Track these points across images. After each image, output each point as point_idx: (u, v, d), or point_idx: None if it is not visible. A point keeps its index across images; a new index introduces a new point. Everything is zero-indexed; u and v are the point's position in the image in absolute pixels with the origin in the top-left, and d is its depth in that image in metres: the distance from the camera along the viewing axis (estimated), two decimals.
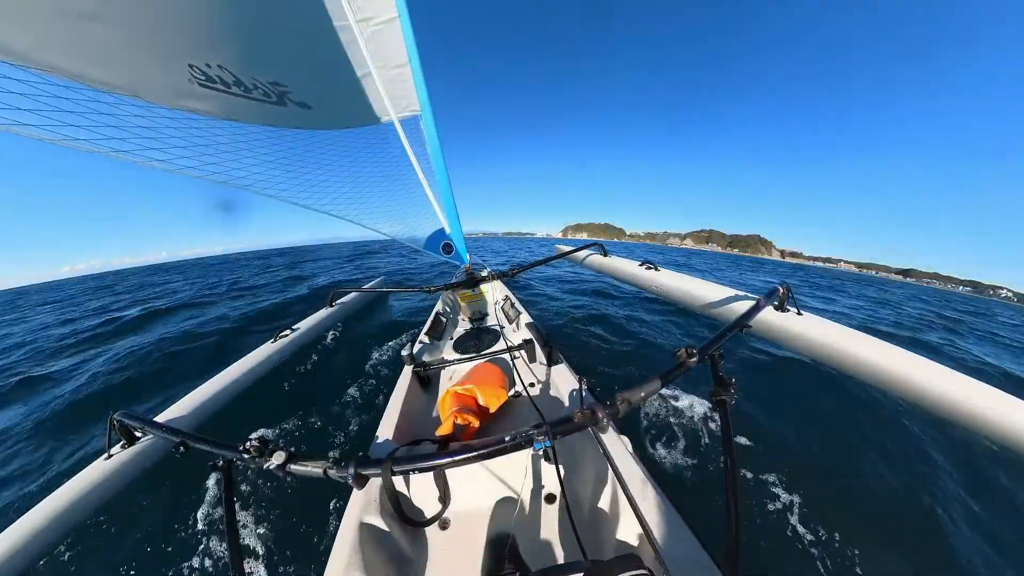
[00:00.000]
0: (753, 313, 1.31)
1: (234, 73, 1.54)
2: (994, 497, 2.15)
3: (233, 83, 1.58)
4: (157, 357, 3.87)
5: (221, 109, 1.69)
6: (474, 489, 1.26)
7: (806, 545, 1.65)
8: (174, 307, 6.77)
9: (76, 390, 3.34)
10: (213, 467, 0.99)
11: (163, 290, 10.76)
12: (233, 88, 1.60)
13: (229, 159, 1.79)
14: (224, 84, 1.56)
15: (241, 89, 1.63)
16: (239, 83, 1.59)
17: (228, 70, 1.52)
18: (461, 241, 3.14)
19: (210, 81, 1.52)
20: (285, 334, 2.51)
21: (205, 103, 1.62)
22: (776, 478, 1.98)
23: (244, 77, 1.59)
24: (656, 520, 0.90)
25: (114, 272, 58.70)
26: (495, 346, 2.15)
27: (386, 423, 1.48)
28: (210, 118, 1.70)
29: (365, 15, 1.63)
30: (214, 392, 1.77)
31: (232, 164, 1.80)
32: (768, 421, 2.55)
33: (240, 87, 1.61)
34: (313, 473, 0.93)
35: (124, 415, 1.29)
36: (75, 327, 6.43)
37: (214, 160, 1.72)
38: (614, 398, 0.92)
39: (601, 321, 4.61)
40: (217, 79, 1.52)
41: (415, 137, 2.54)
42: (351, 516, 1.04)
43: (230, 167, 1.80)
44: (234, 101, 1.66)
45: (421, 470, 0.91)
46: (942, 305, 15.90)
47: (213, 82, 1.53)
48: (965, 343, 6.47)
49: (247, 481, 1.94)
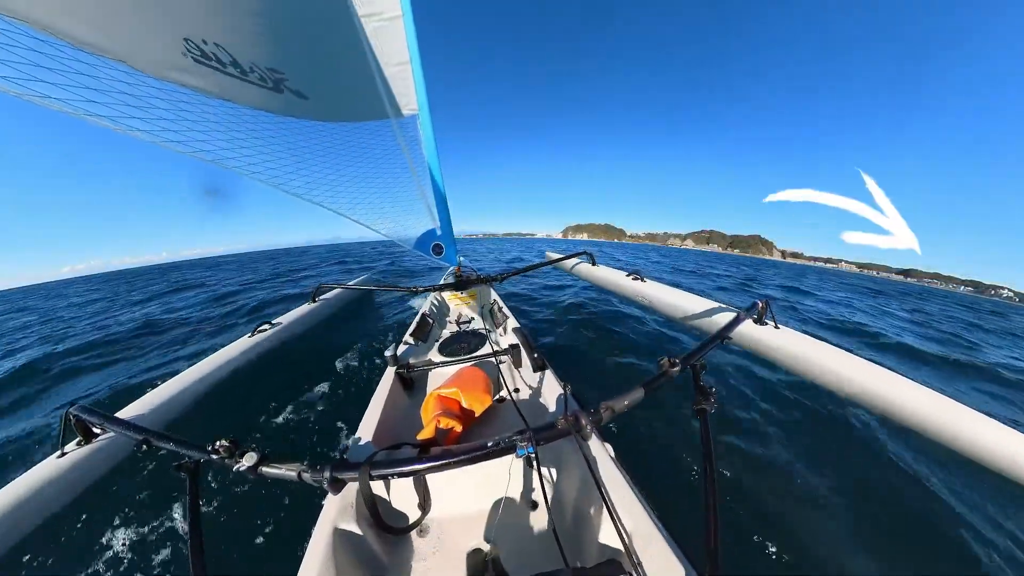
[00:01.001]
0: (733, 326, 1.37)
1: (231, 54, 1.50)
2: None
3: (229, 63, 1.54)
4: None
5: (214, 87, 1.64)
6: (455, 495, 1.24)
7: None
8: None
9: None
10: (178, 468, 0.94)
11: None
12: (229, 68, 1.56)
13: (218, 138, 1.72)
14: (220, 63, 1.52)
15: (237, 71, 1.59)
16: (236, 64, 1.56)
17: (225, 50, 1.48)
18: (452, 242, 3.13)
19: (205, 58, 1.47)
20: (263, 329, 2.42)
21: (197, 79, 1.56)
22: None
23: (242, 59, 1.55)
24: (637, 526, 0.91)
25: (129, 270, 55.53)
26: (481, 350, 2.14)
27: (366, 425, 1.44)
28: (202, 94, 1.63)
29: (370, 10, 1.62)
30: (183, 387, 1.67)
31: (221, 143, 1.73)
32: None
33: (237, 68, 1.58)
34: (287, 476, 0.89)
35: (81, 409, 1.20)
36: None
37: (203, 137, 1.64)
38: (598, 406, 0.93)
39: (589, 327, 4.67)
40: (213, 56, 1.48)
41: (411, 136, 2.53)
42: (325, 521, 1.00)
43: (219, 146, 1.73)
44: (229, 81, 1.62)
45: (401, 475, 0.89)
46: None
47: (208, 59, 1.48)
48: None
49: (214, 482, 1.84)
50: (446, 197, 2.90)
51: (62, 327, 6.91)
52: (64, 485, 1.13)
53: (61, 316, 8.71)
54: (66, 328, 6.70)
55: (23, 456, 2.24)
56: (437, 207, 2.90)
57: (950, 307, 15.56)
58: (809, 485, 2.13)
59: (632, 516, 0.94)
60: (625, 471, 1.11)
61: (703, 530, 0.73)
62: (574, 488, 1.19)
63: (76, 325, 6.96)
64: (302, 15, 1.55)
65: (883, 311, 10.33)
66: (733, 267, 24.53)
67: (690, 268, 17.97)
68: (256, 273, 13.44)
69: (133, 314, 7.23)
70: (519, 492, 1.27)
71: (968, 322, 10.96)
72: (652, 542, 0.88)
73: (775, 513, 1.88)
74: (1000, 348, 7.11)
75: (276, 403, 2.59)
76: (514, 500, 1.26)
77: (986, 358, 5.59)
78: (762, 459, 2.40)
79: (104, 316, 7.63)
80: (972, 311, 16.28)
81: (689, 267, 18.88)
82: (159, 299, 9.13)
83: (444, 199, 2.87)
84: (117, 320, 6.75)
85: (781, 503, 1.96)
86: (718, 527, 0.72)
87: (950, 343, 6.79)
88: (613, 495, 0.96)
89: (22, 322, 8.54)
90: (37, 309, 11.31)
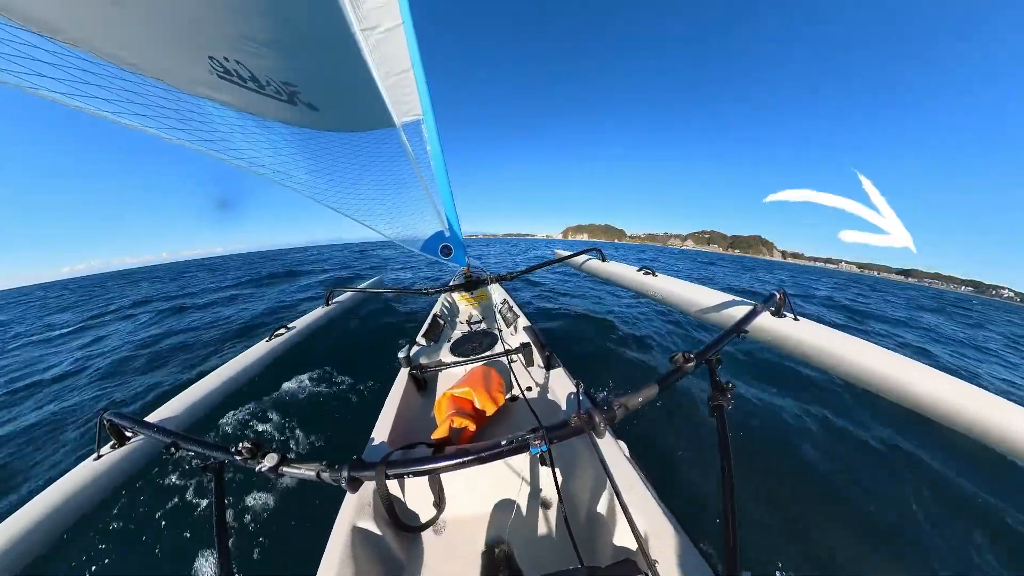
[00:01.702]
0: (751, 318, 1.32)
1: (249, 69, 1.63)
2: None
3: (249, 79, 1.67)
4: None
5: (238, 101, 1.82)
6: (470, 494, 1.25)
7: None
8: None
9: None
10: (204, 468, 0.98)
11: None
12: (248, 83, 1.69)
13: (245, 148, 1.97)
14: (240, 78, 1.65)
15: (255, 85, 1.72)
16: (254, 79, 1.68)
17: (244, 65, 1.60)
18: (460, 244, 3.14)
19: (227, 74, 1.61)
20: (280, 333, 2.49)
21: (223, 94, 1.74)
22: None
23: (259, 74, 1.68)
24: (652, 525, 0.90)
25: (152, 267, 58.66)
26: (493, 349, 2.14)
27: (381, 426, 1.47)
28: (229, 108, 1.84)
29: (369, 24, 1.66)
30: (206, 392, 1.74)
31: (247, 150, 1.99)
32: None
33: (255, 83, 1.70)
34: (306, 476, 0.92)
35: (114, 415, 1.27)
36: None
37: (234, 147, 1.91)
38: (612, 403, 0.92)
39: (601, 325, 4.62)
40: (234, 72, 1.61)
41: (417, 141, 2.56)
42: (343, 520, 1.03)
43: (248, 154, 1.99)
44: (250, 95, 1.77)
45: (416, 474, 0.90)
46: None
47: (230, 75, 1.62)
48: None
49: (238, 483, 1.91)
50: (453, 199, 2.92)
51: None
52: (100, 485, 1.20)
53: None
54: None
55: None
56: (445, 209, 2.93)
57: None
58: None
59: (647, 515, 0.92)
60: (640, 469, 1.09)
61: (720, 529, 0.71)
62: (588, 486, 1.18)
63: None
64: (307, 32, 1.63)
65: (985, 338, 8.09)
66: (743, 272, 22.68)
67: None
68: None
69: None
70: (533, 490, 1.27)
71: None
72: (667, 542, 0.86)
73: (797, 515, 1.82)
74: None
75: (293, 405, 2.67)
76: (528, 498, 1.25)
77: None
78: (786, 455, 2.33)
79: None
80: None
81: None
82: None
83: (451, 201, 2.89)
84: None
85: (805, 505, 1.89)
86: (736, 527, 0.70)
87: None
88: (627, 494, 0.95)
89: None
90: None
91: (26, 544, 1.00)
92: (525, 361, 1.99)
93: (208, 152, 1.79)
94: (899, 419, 2.76)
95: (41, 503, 1.09)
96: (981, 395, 1.09)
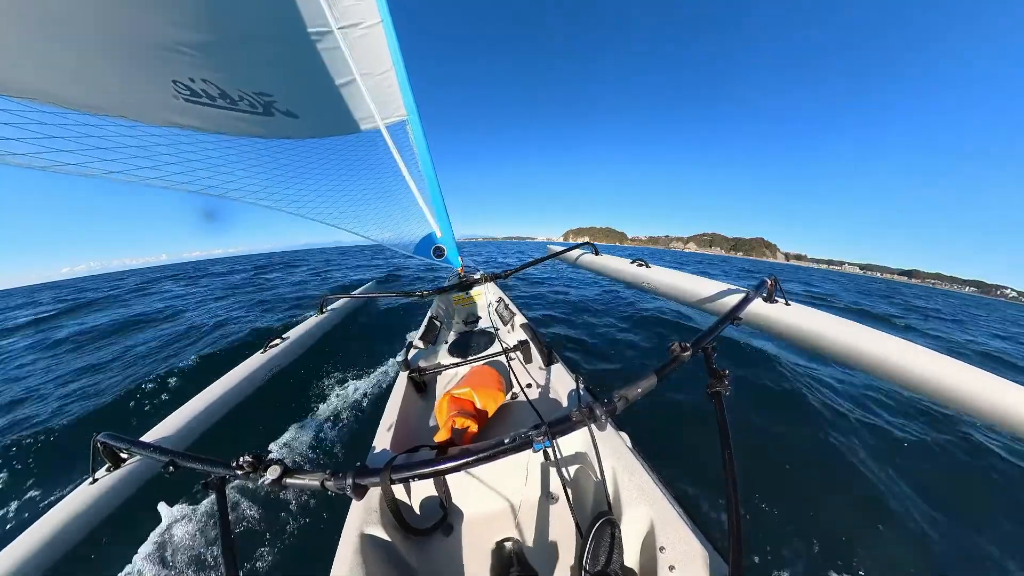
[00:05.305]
0: (743, 305, 1.34)
1: (219, 86, 1.54)
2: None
3: (219, 96, 1.58)
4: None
5: (208, 123, 1.69)
6: (475, 494, 1.25)
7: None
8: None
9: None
10: (205, 485, 0.96)
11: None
12: (219, 101, 1.60)
13: (221, 172, 1.79)
14: (209, 97, 1.56)
15: (227, 102, 1.62)
16: (225, 95, 1.59)
17: (213, 84, 1.52)
18: (453, 245, 3.12)
19: (195, 96, 1.51)
20: (275, 344, 2.45)
21: (191, 118, 1.61)
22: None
23: (229, 89, 1.59)
24: (659, 512, 0.91)
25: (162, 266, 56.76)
26: (490, 348, 2.14)
27: (383, 431, 1.46)
28: (198, 132, 1.69)
29: (348, 21, 1.62)
30: (202, 408, 1.71)
31: (224, 177, 1.81)
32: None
33: (226, 99, 1.61)
34: (310, 486, 0.91)
35: (108, 436, 1.24)
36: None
37: (207, 174, 1.73)
38: (612, 395, 0.93)
39: (596, 320, 4.65)
40: (202, 93, 1.52)
41: (403, 142, 2.53)
42: (351, 528, 1.02)
43: (223, 180, 1.81)
44: (220, 114, 1.66)
45: (421, 477, 0.90)
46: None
47: (199, 96, 1.52)
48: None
49: (242, 498, 1.89)
50: (443, 199, 2.89)
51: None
52: (98, 510, 1.17)
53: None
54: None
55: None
56: (435, 210, 2.90)
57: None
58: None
59: (652, 503, 0.94)
60: (644, 459, 1.10)
61: (725, 514, 0.72)
62: (593, 479, 1.19)
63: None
64: (281, 36, 1.57)
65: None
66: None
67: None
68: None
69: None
70: (538, 486, 1.28)
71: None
72: (674, 528, 0.88)
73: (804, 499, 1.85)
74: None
75: (292, 415, 2.64)
76: (534, 494, 1.26)
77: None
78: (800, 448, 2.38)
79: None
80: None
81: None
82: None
83: (441, 201, 2.87)
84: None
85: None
86: (739, 511, 0.71)
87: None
88: (633, 484, 0.96)
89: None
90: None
91: (23, 573, 0.98)
92: (524, 359, 1.99)
93: (184, 188, 1.64)
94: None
95: (36, 532, 1.06)
96: (977, 374, 1.11)
